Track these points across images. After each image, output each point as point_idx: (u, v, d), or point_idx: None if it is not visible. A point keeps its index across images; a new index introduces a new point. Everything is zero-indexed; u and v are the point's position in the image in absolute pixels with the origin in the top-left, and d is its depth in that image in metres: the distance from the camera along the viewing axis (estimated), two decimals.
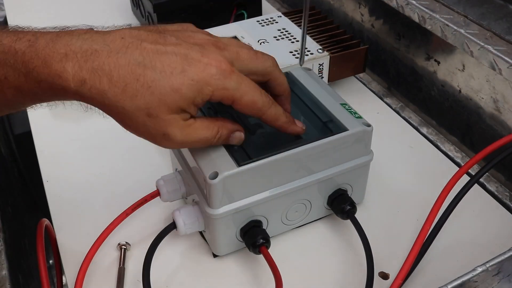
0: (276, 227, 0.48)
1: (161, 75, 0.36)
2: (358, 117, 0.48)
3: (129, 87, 0.36)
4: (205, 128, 0.40)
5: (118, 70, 0.36)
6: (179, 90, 0.36)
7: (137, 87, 0.36)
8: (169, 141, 0.39)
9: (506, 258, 0.40)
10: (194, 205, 0.46)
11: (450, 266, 0.47)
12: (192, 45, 0.38)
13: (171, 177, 0.49)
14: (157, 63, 0.36)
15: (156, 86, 0.36)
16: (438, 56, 0.63)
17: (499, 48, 0.53)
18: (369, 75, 0.77)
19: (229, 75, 0.38)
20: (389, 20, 0.70)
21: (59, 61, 0.35)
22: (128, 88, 0.36)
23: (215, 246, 0.47)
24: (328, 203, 0.50)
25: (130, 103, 0.36)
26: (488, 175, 0.60)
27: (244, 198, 0.44)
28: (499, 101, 0.56)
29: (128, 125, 0.38)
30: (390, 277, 0.47)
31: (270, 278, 0.43)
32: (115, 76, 0.35)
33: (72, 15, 0.89)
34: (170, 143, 0.39)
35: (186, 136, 0.39)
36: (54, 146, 0.63)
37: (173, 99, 0.36)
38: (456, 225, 0.50)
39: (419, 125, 0.68)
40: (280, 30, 0.69)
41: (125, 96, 0.36)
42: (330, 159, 0.46)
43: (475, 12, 0.59)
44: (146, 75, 0.36)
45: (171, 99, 0.36)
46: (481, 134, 0.60)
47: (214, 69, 0.37)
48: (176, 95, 0.36)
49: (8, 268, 0.48)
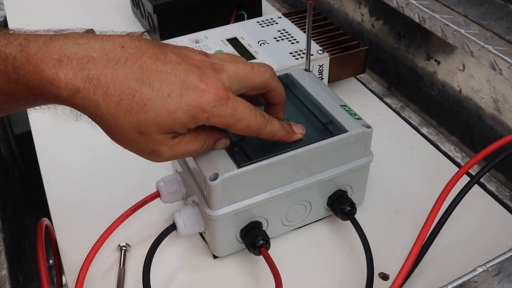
0: (276, 228, 0.48)
1: (158, 95, 0.35)
2: (358, 118, 0.48)
3: (124, 102, 0.35)
4: (193, 141, 0.40)
5: (115, 83, 0.35)
6: (174, 113, 0.36)
7: (132, 104, 0.35)
8: (158, 157, 0.38)
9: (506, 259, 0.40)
10: (194, 206, 0.46)
11: (450, 266, 0.47)
12: (192, 67, 0.37)
13: (171, 178, 0.49)
14: (155, 81, 0.36)
15: (152, 106, 0.35)
16: (438, 56, 0.63)
17: (499, 48, 0.53)
18: (369, 75, 0.77)
19: (226, 103, 0.37)
20: (389, 20, 0.70)
21: (52, 66, 0.34)
22: (122, 103, 0.35)
23: (215, 247, 0.47)
24: (328, 204, 0.50)
25: (123, 118, 0.35)
26: (488, 175, 0.60)
27: (244, 199, 0.44)
28: (499, 101, 0.56)
29: (116, 139, 0.37)
30: (390, 278, 0.47)
31: (270, 279, 0.43)
32: (111, 88, 0.35)
33: (73, 14, 0.89)
34: (158, 159, 0.39)
35: (174, 152, 0.39)
36: (54, 147, 0.63)
37: (167, 120, 0.36)
38: (456, 226, 0.50)
39: (419, 125, 0.68)
40: (280, 31, 0.69)
41: (118, 110, 0.35)
42: (330, 160, 0.46)
43: (475, 12, 0.59)
44: (142, 92, 0.35)
45: (165, 121, 0.36)
46: (481, 134, 0.60)
47: (211, 97, 0.37)
48: (171, 117, 0.36)
49: (8, 268, 0.48)
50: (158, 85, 0.35)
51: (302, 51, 0.65)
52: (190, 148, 0.40)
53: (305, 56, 0.60)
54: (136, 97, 0.35)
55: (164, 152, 0.38)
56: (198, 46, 0.66)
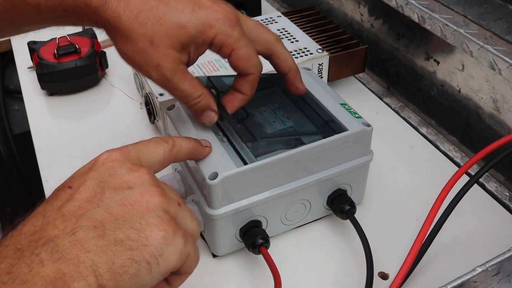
0: (275, 227, 0.48)
1: (173, 11, 0.40)
2: (358, 117, 0.48)
3: (142, 15, 0.39)
4: (191, 84, 0.42)
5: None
6: (185, 26, 0.40)
7: (149, 16, 0.39)
8: (158, 73, 0.41)
9: (505, 258, 0.40)
10: (194, 205, 0.46)
11: (450, 266, 0.47)
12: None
13: (171, 177, 0.49)
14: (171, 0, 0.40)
15: (166, 19, 0.39)
16: (438, 56, 0.63)
17: (499, 48, 0.53)
18: (368, 75, 0.77)
19: (234, 25, 0.41)
20: (388, 20, 0.70)
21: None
22: (140, 15, 0.39)
23: (214, 246, 0.47)
24: (328, 203, 0.50)
25: (138, 28, 0.39)
26: (487, 175, 0.60)
27: (243, 199, 0.44)
28: (498, 101, 0.56)
29: (127, 50, 0.40)
30: (389, 277, 0.47)
31: (269, 278, 0.43)
32: (132, 2, 0.39)
33: None
34: (157, 75, 0.41)
35: (173, 76, 0.41)
36: (53, 146, 0.63)
37: (178, 34, 0.40)
38: (455, 225, 0.50)
39: (419, 125, 0.68)
40: (279, 30, 0.69)
41: (136, 21, 0.39)
42: (329, 159, 0.46)
43: (474, 12, 0.59)
44: (159, 8, 0.39)
45: (176, 34, 0.40)
46: (480, 134, 0.60)
47: (221, 15, 0.41)
48: (181, 31, 0.40)
49: None
50: (174, 3, 0.40)
51: (301, 50, 0.65)
52: (185, 86, 0.42)
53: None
54: (153, 11, 0.39)
55: (166, 69, 0.40)
56: None
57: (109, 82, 0.73)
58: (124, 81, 0.72)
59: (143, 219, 0.31)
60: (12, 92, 0.88)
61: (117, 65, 0.74)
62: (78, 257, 0.28)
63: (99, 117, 0.68)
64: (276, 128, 0.48)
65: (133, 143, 0.37)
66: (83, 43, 0.71)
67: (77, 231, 0.29)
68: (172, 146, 0.39)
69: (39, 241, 0.29)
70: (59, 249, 0.28)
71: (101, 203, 0.31)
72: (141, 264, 0.30)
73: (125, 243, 0.30)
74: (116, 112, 0.68)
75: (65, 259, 0.28)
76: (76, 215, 0.30)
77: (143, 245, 0.30)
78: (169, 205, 0.33)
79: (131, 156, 0.36)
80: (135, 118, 0.66)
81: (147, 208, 0.32)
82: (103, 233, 0.30)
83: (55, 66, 0.68)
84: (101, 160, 0.35)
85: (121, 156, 0.35)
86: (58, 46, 0.69)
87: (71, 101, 0.70)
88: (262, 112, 0.50)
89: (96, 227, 0.30)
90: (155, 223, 0.31)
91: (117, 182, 0.33)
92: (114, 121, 0.66)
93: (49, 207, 0.31)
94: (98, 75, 0.72)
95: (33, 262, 0.28)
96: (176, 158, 0.40)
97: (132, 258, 0.30)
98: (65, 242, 0.29)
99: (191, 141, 0.42)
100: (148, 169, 0.35)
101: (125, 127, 0.65)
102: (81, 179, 0.33)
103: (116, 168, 0.34)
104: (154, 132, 0.64)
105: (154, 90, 0.58)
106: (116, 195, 0.32)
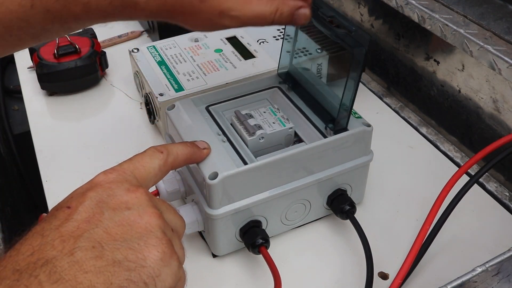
0: (275, 227, 0.48)
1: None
2: (358, 117, 0.48)
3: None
4: (262, 2, 0.39)
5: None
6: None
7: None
8: (226, 18, 0.38)
9: (505, 258, 0.40)
10: (194, 205, 0.46)
11: (450, 266, 0.47)
12: None
13: (171, 177, 0.49)
14: None
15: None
16: (438, 56, 0.63)
17: (499, 48, 0.53)
18: (368, 75, 0.77)
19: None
20: (388, 20, 0.70)
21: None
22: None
23: (214, 246, 0.47)
24: (328, 203, 0.50)
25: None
26: (487, 175, 0.60)
27: (243, 199, 0.44)
28: (498, 101, 0.56)
29: (188, 11, 0.38)
30: (389, 277, 0.47)
31: (269, 278, 0.43)
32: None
33: None
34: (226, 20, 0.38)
35: (241, 8, 0.38)
36: (53, 146, 0.63)
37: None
38: (455, 225, 0.50)
39: (419, 125, 0.68)
40: (279, 30, 0.69)
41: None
42: (329, 159, 0.46)
43: (474, 12, 0.59)
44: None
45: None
46: (480, 134, 0.60)
47: None
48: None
49: None
50: None
51: (301, 50, 0.65)
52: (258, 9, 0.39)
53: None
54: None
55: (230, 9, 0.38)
56: (197, 45, 0.66)
57: (109, 82, 0.73)
58: (124, 81, 0.72)
59: (141, 240, 0.31)
60: (12, 92, 0.88)
61: (117, 65, 0.74)
62: (76, 278, 0.28)
63: (99, 117, 0.68)
64: (275, 129, 0.48)
65: (128, 160, 0.37)
66: (83, 43, 0.71)
67: (75, 252, 0.29)
68: (167, 156, 0.39)
69: (37, 262, 0.29)
70: (57, 270, 0.28)
71: (100, 223, 0.31)
72: (139, 285, 0.30)
73: (123, 264, 0.30)
74: (116, 112, 0.68)
75: (63, 280, 0.28)
76: (74, 235, 0.30)
77: (141, 266, 0.30)
78: (165, 228, 0.33)
79: (128, 176, 0.35)
80: (135, 118, 0.66)
81: (145, 229, 0.32)
82: (101, 254, 0.30)
83: (55, 66, 0.68)
84: (98, 181, 0.34)
85: (118, 177, 0.35)
86: (58, 46, 0.69)
87: (71, 101, 0.70)
88: (261, 113, 0.50)
89: (95, 248, 0.30)
90: (153, 244, 0.31)
91: (116, 202, 0.33)
92: (114, 121, 0.66)
93: (48, 226, 0.31)
94: (98, 75, 0.72)
95: (31, 284, 0.28)
96: (173, 166, 0.39)
97: (130, 279, 0.30)
98: (63, 263, 0.29)
99: (187, 146, 0.42)
100: (145, 190, 0.34)
101: (125, 127, 0.65)
102: (79, 199, 0.33)
103: (114, 189, 0.33)
104: (154, 132, 0.64)
105: (154, 90, 0.58)
106: (115, 215, 0.32)
